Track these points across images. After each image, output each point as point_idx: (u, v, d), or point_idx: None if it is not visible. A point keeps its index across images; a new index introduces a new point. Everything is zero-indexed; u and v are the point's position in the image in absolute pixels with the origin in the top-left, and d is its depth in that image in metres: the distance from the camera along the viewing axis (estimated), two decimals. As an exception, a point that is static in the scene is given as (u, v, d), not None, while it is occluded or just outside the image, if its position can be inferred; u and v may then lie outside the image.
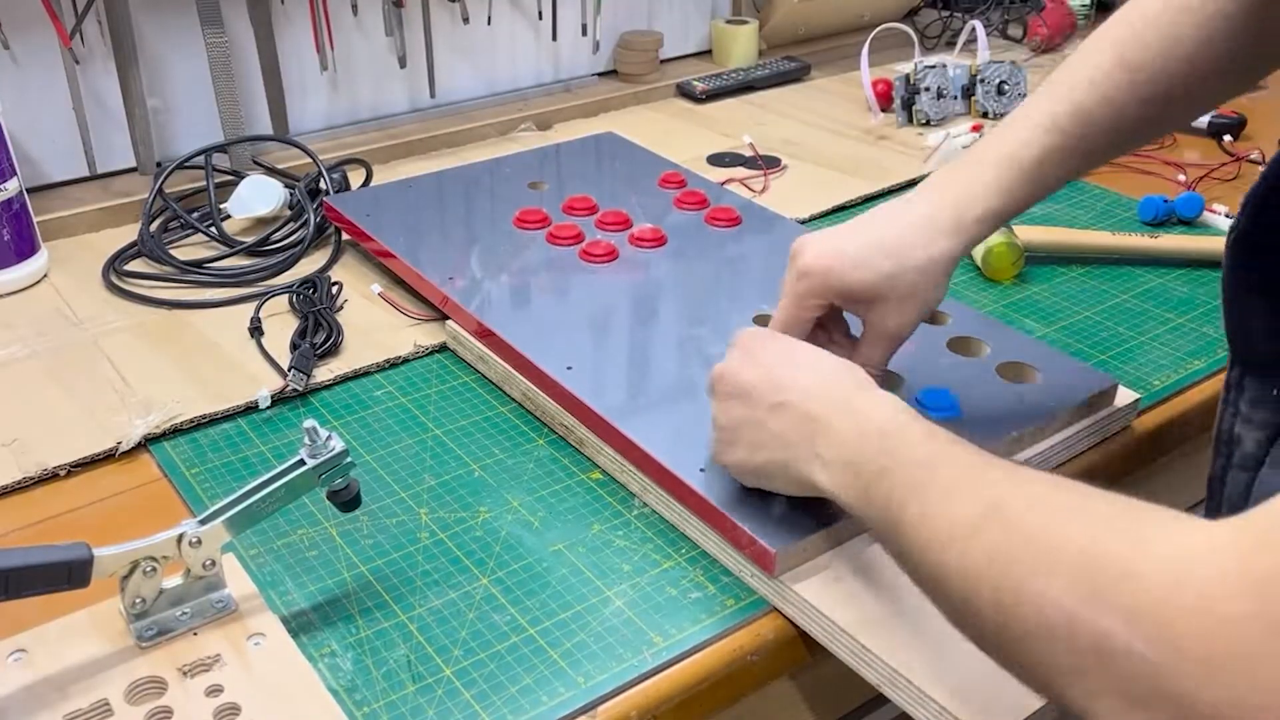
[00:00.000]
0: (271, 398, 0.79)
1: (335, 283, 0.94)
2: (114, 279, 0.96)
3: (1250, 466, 0.62)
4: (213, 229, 1.01)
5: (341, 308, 0.92)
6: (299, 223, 1.02)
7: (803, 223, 1.05)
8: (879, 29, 1.35)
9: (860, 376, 0.59)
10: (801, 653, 0.62)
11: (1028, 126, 0.66)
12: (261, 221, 1.04)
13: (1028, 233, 0.99)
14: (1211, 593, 0.36)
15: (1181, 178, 1.14)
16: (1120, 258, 1.00)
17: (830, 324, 0.70)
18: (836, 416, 0.56)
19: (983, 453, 0.50)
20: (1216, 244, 0.98)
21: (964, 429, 0.70)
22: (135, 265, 0.98)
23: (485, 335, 0.82)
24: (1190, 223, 1.07)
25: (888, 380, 0.74)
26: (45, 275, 0.97)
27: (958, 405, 0.72)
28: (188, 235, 1.03)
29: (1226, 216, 1.06)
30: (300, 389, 0.80)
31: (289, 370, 0.81)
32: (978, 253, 0.97)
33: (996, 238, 0.96)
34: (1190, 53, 0.64)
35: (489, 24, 1.30)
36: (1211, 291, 0.95)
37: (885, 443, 0.53)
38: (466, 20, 1.27)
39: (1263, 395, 0.61)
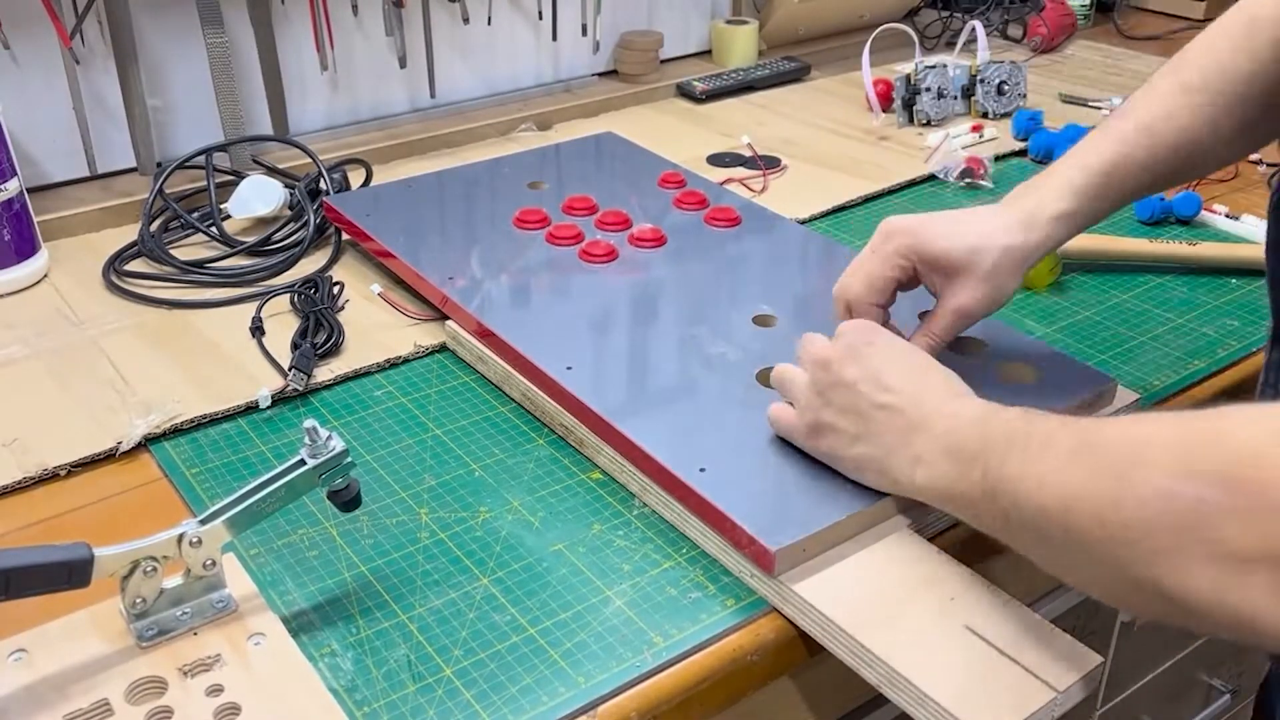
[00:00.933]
0: (272, 397, 0.79)
1: (337, 283, 0.94)
2: (114, 279, 0.96)
3: None
4: (213, 229, 1.01)
5: (343, 308, 0.92)
6: (299, 223, 1.02)
7: (803, 223, 1.05)
8: (879, 29, 1.35)
9: (959, 385, 0.63)
10: (801, 653, 0.62)
11: (1097, 140, 0.72)
12: (262, 221, 1.04)
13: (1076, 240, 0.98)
14: None
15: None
16: (1157, 265, 1.00)
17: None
18: (936, 419, 0.60)
19: (1069, 417, 0.53)
20: (1256, 251, 0.98)
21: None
22: (135, 265, 0.99)
23: (485, 335, 0.82)
24: (1188, 222, 1.07)
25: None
26: (45, 275, 0.98)
27: None
28: (188, 235, 1.03)
29: (1227, 217, 1.06)
30: (301, 389, 0.80)
31: (289, 370, 0.81)
32: None
33: None
34: (1247, 75, 0.68)
35: (489, 24, 1.30)
36: (1211, 293, 0.95)
37: (979, 428, 0.57)
38: (466, 20, 1.27)
39: None
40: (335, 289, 0.93)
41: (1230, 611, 0.42)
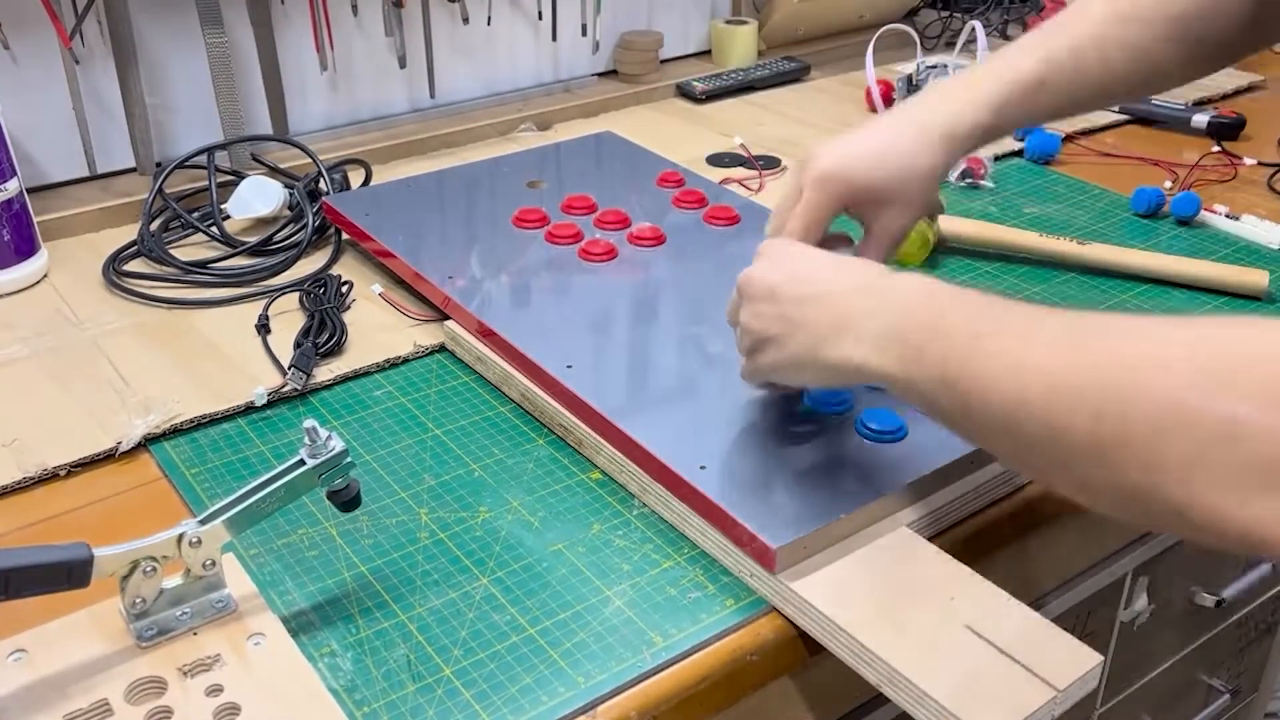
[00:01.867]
0: (268, 395, 0.79)
1: (346, 282, 0.94)
2: (114, 278, 0.96)
3: None
4: (214, 229, 1.01)
5: (349, 306, 0.91)
6: (299, 224, 1.01)
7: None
8: (882, 30, 1.35)
9: (880, 266, 0.63)
10: (801, 653, 0.62)
11: (1024, 56, 0.72)
12: (261, 222, 1.04)
13: (952, 223, 1.00)
14: None
15: (1168, 184, 1.14)
16: (1045, 261, 0.98)
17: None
18: (868, 296, 0.59)
19: (1039, 305, 0.52)
20: (1146, 259, 0.95)
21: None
22: (135, 265, 0.98)
23: (485, 334, 0.82)
24: (1188, 222, 1.07)
25: None
26: (45, 275, 0.97)
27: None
28: (188, 235, 1.03)
29: (1227, 216, 1.06)
30: (299, 388, 0.80)
31: (289, 369, 0.81)
32: None
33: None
34: (1182, 11, 0.70)
35: (489, 24, 1.30)
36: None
37: (933, 304, 0.55)
38: (466, 20, 1.27)
39: None
40: (344, 288, 0.93)
41: (1242, 527, 0.40)
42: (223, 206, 1.03)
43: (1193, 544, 0.46)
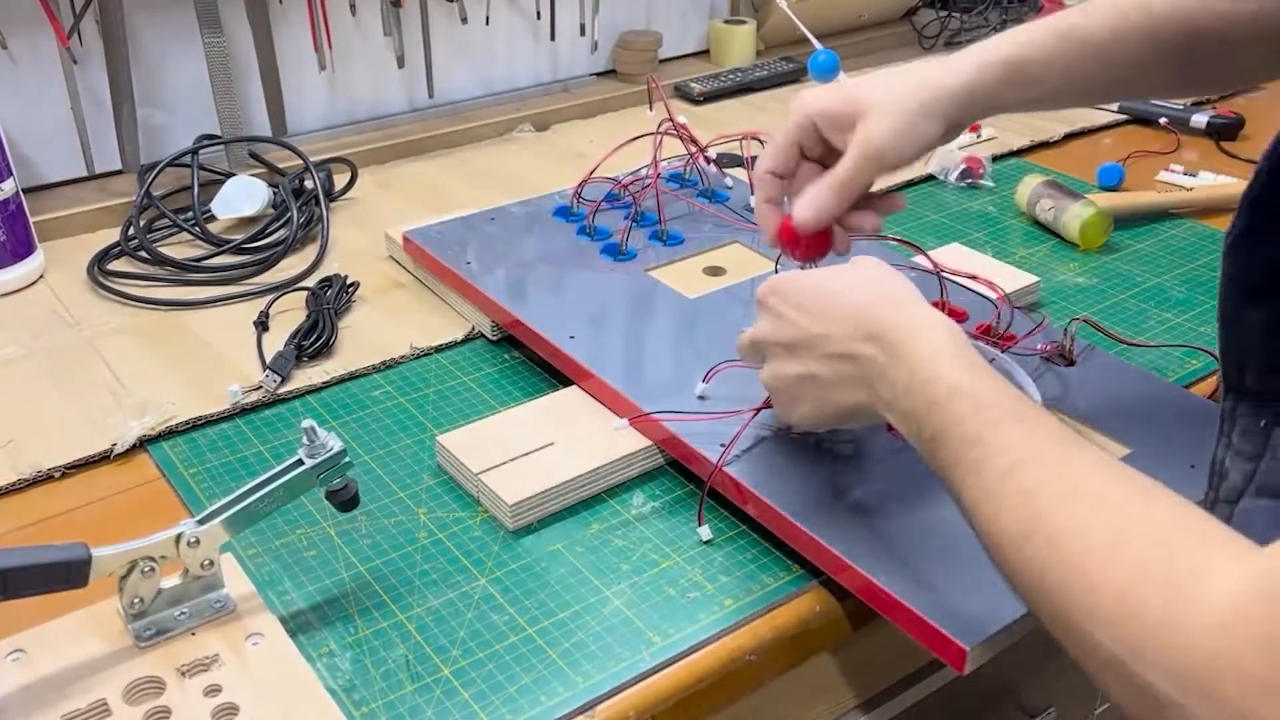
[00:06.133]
0: (242, 392, 0.79)
1: (353, 283, 0.93)
2: (98, 278, 0.95)
3: (1233, 499, 0.57)
4: (196, 228, 1.01)
5: (350, 307, 0.91)
6: (282, 221, 1.01)
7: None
8: (878, 32, 1.35)
9: (892, 291, 0.59)
10: (799, 653, 0.62)
11: (1038, 27, 0.69)
12: (246, 221, 1.04)
13: (1108, 199, 1.06)
14: (1250, 658, 0.36)
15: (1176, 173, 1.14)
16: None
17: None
18: (886, 357, 0.56)
19: (1027, 427, 0.49)
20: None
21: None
22: (122, 265, 0.98)
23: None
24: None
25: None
26: (41, 276, 0.97)
27: None
28: (171, 234, 1.02)
29: (1185, 174, 1.14)
30: (272, 391, 0.79)
31: (265, 371, 0.80)
32: (1073, 226, 1.01)
33: (1088, 209, 1.01)
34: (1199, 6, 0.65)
35: (487, 24, 1.30)
36: (1210, 292, 0.95)
37: (934, 410, 0.52)
38: (465, 20, 1.27)
39: (1251, 427, 0.56)
40: (350, 289, 0.92)
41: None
42: (209, 206, 1.03)
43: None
